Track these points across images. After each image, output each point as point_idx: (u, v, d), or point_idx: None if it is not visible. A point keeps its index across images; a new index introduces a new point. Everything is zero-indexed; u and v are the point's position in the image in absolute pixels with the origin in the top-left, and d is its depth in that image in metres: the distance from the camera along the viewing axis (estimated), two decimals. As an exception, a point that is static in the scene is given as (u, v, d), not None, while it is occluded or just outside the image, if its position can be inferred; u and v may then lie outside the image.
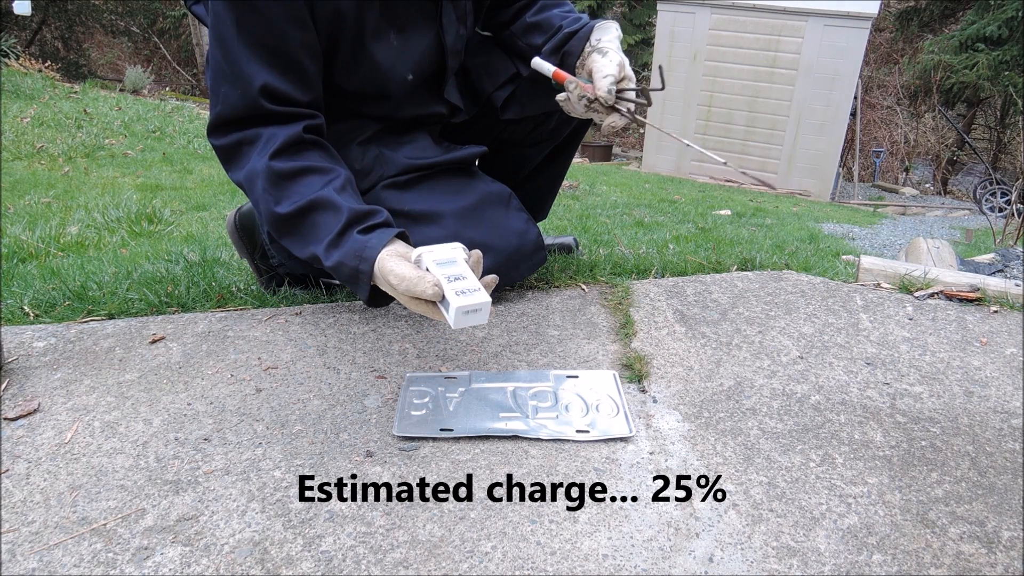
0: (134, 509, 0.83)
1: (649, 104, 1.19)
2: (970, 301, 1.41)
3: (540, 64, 1.21)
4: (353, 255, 0.99)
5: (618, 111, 1.16)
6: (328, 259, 1.01)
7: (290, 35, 1.05)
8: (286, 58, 1.06)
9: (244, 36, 1.03)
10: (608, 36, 1.21)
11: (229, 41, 1.04)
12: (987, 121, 12.39)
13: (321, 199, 1.03)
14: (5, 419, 0.99)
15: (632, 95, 1.17)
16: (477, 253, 0.98)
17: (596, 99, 1.15)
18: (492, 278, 0.98)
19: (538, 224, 1.49)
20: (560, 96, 1.20)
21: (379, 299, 1.05)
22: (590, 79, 1.19)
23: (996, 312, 1.37)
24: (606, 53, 1.18)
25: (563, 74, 1.18)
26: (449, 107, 1.32)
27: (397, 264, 0.95)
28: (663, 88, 1.22)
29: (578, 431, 0.97)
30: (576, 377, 1.11)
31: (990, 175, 9.17)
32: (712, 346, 1.23)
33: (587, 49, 1.21)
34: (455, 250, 0.97)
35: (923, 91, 10.56)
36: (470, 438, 0.97)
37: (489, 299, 0.91)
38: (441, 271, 0.93)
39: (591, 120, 1.54)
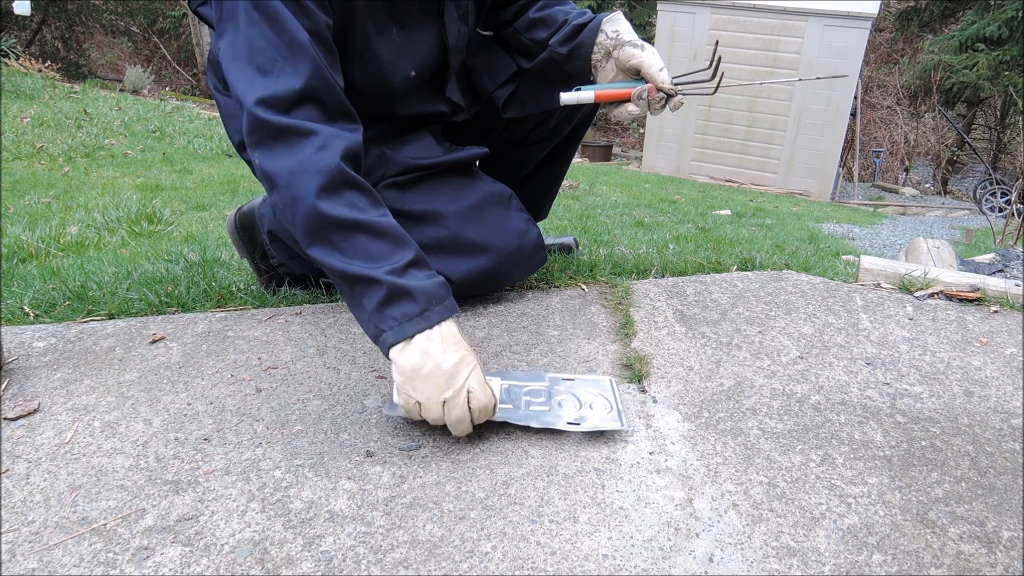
0: (134, 509, 0.83)
1: (714, 81, 1.19)
2: (970, 301, 1.41)
3: (573, 96, 1.17)
4: (431, 298, 0.93)
5: (673, 97, 1.17)
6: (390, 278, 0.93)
7: (320, 21, 1.01)
8: (324, 41, 1.02)
9: (293, 8, 0.97)
10: (626, 27, 1.20)
11: (283, 16, 0.97)
12: (987, 121, 12.40)
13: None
14: (5, 419, 0.99)
15: (679, 82, 1.18)
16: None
17: (659, 92, 1.15)
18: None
19: (538, 224, 1.49)
20: (618, 111, 1.19)
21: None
22: (628, 75, 1.18)
23: (996, 312, 1.37)
24: (642, 47, 1.17)
25: (611, 92, 1.17)
26: (451, 106, 1.32)
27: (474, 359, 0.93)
28: (716, 67, 1.20)
29: (569, 423, 0.98)
30: (571, 380, 1.11)
31: (990, 175, 9.18)
32: (712, 346, 1.23)
33: (603, 40, 1.20)
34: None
35: (923, 91, 10.56)
36: (470, 438, 0.97)
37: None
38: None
39: (592, 119, 1.54)
